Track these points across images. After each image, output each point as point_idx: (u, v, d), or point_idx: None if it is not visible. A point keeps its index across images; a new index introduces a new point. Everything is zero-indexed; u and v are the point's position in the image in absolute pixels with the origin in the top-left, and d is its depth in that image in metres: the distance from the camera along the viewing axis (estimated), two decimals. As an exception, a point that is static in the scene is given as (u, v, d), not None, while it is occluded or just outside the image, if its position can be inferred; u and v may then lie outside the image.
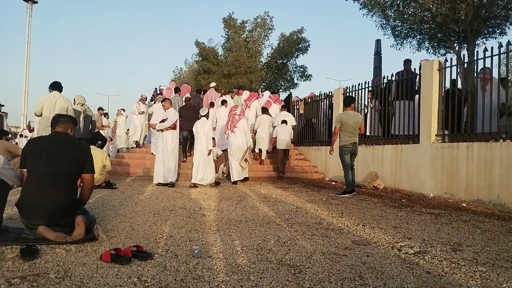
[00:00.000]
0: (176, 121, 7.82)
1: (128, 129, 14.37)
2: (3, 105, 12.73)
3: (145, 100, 13.34)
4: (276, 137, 10.39)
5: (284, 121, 10.72)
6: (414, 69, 8.17)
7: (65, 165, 3.21)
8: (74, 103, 8.25)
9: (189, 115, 10.21)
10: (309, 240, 3.53)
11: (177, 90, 12.25)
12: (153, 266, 2.60)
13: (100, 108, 13.50)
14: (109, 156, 7.94)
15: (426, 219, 4.81)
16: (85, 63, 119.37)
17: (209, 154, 7.90)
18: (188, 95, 12.24)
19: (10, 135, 8.73)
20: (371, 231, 3.97)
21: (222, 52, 26.22)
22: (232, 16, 25.02)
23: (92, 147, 6.42)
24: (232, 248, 3.14)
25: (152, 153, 10.52)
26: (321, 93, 12.13)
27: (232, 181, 8.38)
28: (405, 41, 13.69)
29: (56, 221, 3.12)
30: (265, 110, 11.15)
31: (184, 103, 11.10)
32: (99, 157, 6.55)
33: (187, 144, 10.69)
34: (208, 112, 8.23)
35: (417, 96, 8.11)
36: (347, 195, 6.73)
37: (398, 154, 7.94)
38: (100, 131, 12.07)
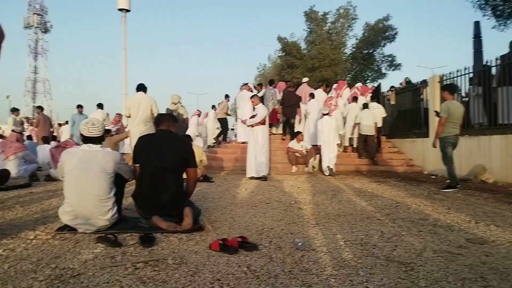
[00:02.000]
0: (266, 116, 7.93)
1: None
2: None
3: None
4: (358, 123, 10.13)
5: (365, 106, 10.38)
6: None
7: (171, 160, 3.42)
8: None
9: (292, 102, 10.73)
10: (416, 236, 3.33)
11: (271, 82, 12.42)
12: (259, 256, 2.65)
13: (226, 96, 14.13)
14: (205, 151, 8.35)
15: (551, 217, 4.26)
16: (176, 64, 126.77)
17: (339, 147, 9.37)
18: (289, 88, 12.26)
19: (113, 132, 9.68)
20: (486, 229, 3.62)
21: (305, 46, 26.01)
22: (313, 9, 24.72)
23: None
24: (335, 242, 3.08)
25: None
26: (407, 80, 11.40)
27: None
28: (508, 21, 12.32)
29: (167, 211, 3.34)
30: (354, 99, 10.89)
31: (279, 96, 11.49)
32: (196, 152, 6.85)
33: (286, 126, 11.18)
34: (329, 111, 9.19)
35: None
36: (451, 190, 6.24)
37: (509, 144, 7.15)
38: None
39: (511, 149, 7.10)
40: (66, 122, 18.32)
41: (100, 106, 12.31)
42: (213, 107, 15.41)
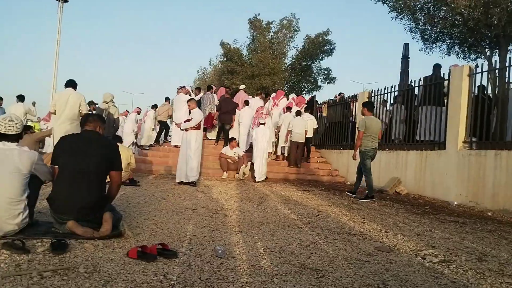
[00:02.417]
0: (201, 121, 7.92)
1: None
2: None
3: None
4: (291, 130, 10.49)
5: (298, 113, 10.80)
6: (443, 74, 8.03)
7: (94, 162, 3.30)
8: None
9: (228, 108, 10.95)
10: (331, 244, 3.52)
11: (209, 88, 12.50)
12: (178, 264, 2.65)
13: (167, 98, 13.88)
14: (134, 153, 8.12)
15: (450, 227, 4.73)
16: (113, 61, 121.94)
17: (269, 156, 9.97)
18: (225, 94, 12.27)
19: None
20: (394, 238, 3.93)
21: (247, 53, 26.29)
22: (258, 17, 25.08)
23: (118, 145, 6.58)
24: (255, 250, 3.17)
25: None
26: (341, 95, 12.03)
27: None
28: (434, 45, 13.46)
29: (85, 216, 3.21)
30: (288, 109, 11.26)
31: (217, 101, 11.60)
32: (125, 155, 6.66)
33: (221, 132, 11.42)
34: (265, 122, 9.66)
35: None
36: (369, 200, 6.68)
37: (423, 160, 7.81)
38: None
39: (424, 164, 7.75)
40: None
41: (20, 98, 11.21)
42: (153, 107, 15.12)
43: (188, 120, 7.86)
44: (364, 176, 6.92)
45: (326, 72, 25.79)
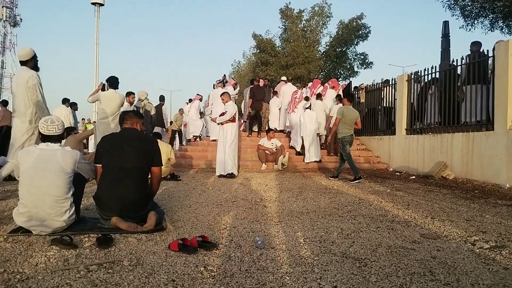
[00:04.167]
0: (235, 113, 7.94)
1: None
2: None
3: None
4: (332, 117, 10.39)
5: (339, 100, 10.73)
6: (487, 51, 7.57)
7: (134, 159, 3.36)
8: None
9: (261, 96, 11.52)
10: (373, 232, 3.42)
11: (252, 82, 12.74)
12: (218, 256, 2.67)
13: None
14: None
15: (502, 211, 4.48)
16: (149, 60, 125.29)
17: (319, 135, 10.38)
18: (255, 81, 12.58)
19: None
20: (441, 224, 3.77)
21: (280, 43, 26.15)
22: (289, 6, 24.82)
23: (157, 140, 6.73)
24: (295, 240, 3.14)
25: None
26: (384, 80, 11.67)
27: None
28: (476, 21, 12.76)
29: (128, 214, 3.27)
30: (318, 96, 11.10)
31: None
32: (164, 150, 6.82)
33: (253, 122, 11.90)
34: (310, 104, 10.34)
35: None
36: (357, 181, 7.08)
37: (470, 142, 7.43)
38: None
39: (471, 146, 7.37)
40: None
41: (65, 101, 11.72)
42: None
43: (223, 114, 7.91)
44: (346, 161, 7.38)
45: (362, 57, 25.19)
